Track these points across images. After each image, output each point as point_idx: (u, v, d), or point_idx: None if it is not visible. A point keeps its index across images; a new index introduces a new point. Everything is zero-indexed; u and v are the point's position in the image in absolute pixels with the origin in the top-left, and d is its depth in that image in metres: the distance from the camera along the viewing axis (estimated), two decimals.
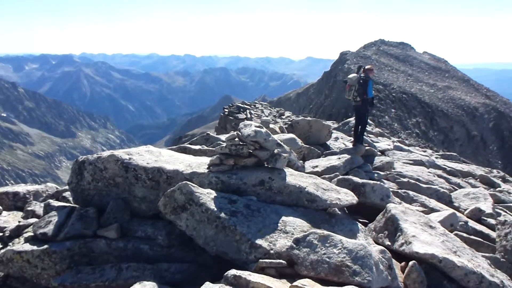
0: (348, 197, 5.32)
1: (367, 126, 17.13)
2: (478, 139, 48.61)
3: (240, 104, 27.41)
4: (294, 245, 4.17)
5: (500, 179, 14.41)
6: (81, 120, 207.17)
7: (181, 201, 4.69)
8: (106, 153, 5.76)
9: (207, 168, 5.44)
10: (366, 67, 11.07)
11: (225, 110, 25.98)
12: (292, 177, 5.45)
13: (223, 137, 8.41)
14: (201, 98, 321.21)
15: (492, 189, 11.79)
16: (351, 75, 11.08)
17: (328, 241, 4.01)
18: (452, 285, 4.50)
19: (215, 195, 4.86)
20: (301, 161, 9.16)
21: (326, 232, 4.12)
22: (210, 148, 7.41)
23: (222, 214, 4.56)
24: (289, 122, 11.91)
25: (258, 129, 5.29)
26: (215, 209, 4.61)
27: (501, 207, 9.10)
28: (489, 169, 18.42)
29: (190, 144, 8.41)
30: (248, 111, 24.74)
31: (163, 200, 4.82)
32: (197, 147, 7.47)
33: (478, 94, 59.32)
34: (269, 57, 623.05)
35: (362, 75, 10.93)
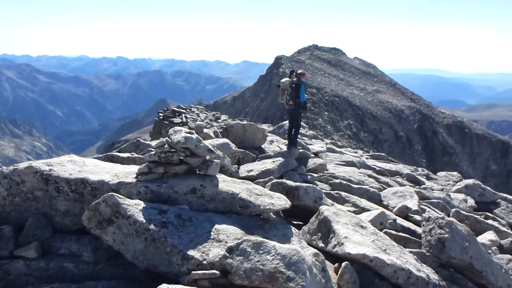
0: (281, 201, 5.30)
1: (301, 129, 17.45)
2: (404, 140, 51.42)
3: (175, 108, 26.92)
4: (228, 254, 4.06)
5: (424, 177, 15.23)
6: (3, 127, 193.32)
7: (107, 214, 4.42)
8: (23, 165, 5.30)
9: (136, 177, 5.19)
10: (298, 71, 11.24)
11: (160, 114, 25.39)
12: (225, 183, 5.34)
13: (154, 143, 8.14)
14: (135, 102, 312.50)
15: (417, 186, 12.40)
16: (283, 79, 11.20)
17: (262, 248, 3.94)
18: (382, 282, 4.63)
19: (144, 205, 4.64)
20: (236, 166, 9.09)
21: (259, 239, 4.05)
22: (140, 156, 7.10)
23: (152, 226, 4.35)
24: (224, 126, 11.83)
25: (189, 135, 5.13)
26: (144, 220, 4.39)
27: (425, 204, 9.60)
28: (415, 167, 19.43)
29: (119, 151, 8.03)
30: (183, 115, 24.33)
31: (87, 214, 4.50)
32: (126, 155, 7.12)
33: (404, 97, 62.79)
34: (205, 60, 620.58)
35: (294, 79, 11.09)
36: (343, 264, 4.48)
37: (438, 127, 57.68)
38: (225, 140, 9.38)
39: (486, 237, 8.01)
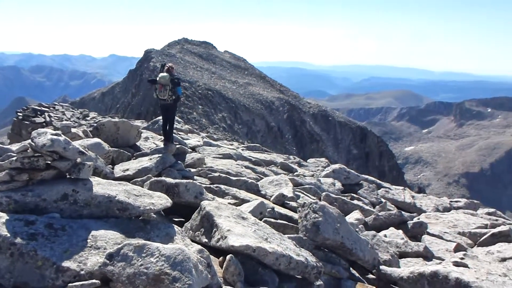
0: (162, 200, 5.17)
1: (176, 123, 17.26)
2: (276, 130, 54.05)
3: (36, 107, 24.55)
4: (108, 261, 3.85)
5: (296, 164, 16.19)
6: None
7: None
8: None
9: None
10: (168, 65, 11.04)
11: (19, 114, 22.97)
12: (100, 186, 5.02)
13: (14, 147, 7.30)
14: None
15: (291, 174, 13.13)
16: (162, 74, 10.77)
17: (145, 251, 3.81)
18: (266, 270, 4.80)
19: (7, 218, 4.15)
20: (110, 166, 8.64)
21: (141, 242, 3.91)
22: None
23: (18, 239, 3.92)
24: (95, 125, 11.12)
25: (55, 137, 4.70)
26: (8, 234, 3.93)
27: (299, 190, 10.21)
28: (287, 156, 20.52)
29: None
30: (46, 114, 22.33)
31: None
32: None
33: (273, 89, 65.90)
34: (68, 55, 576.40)
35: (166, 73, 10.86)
36: (228, 257, 4.54)
37: (305, 116, 61.83)
38: (97, 139, 8.83)
39: (353, 216, 8.78)
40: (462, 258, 6.64)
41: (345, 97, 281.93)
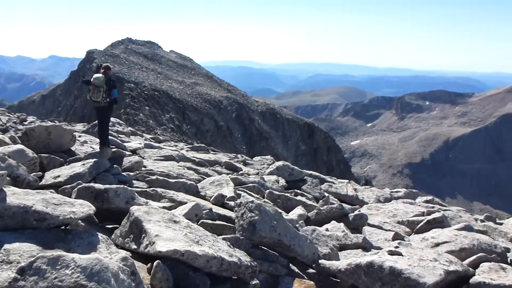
0: (84, 208, 4.90)
1: (118, 126, 16.75)
2: (225, 129, 53.86)
3: None
4: (19, 276, 3.56)
5: (242, 163, 16.12)
6: None
7: None
8: None
9: None
10: (104, 65, 10.63)
11: None
12: (15, 196, 4.68)
13: None
14: None
15: (235, 173, 13.03)
16: (97, 75, 10.30)
17: (59, 263, 3.56)
18: (197, 274, 4.67)
19: None
20: (39, 173, 8.18)
21: (56, 253, 3.65)
22: None
23: None
24: (23, 130, 10.51)
25: None
26: None
27: (242, 189, 10.12)
28: (234, 154, 20.44)
29: None
30: None
31: None
32: None
33: (221, 88, 65.69)
34: (3, 56, 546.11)
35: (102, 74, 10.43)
36: (155, 263, 4.38)
37: (254, 115, 62.10)
38: (19, 146, 8.31)
39: (296, 212, 8.81)
40: (396, 247, 6.80)
41: (292, 94, 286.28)
